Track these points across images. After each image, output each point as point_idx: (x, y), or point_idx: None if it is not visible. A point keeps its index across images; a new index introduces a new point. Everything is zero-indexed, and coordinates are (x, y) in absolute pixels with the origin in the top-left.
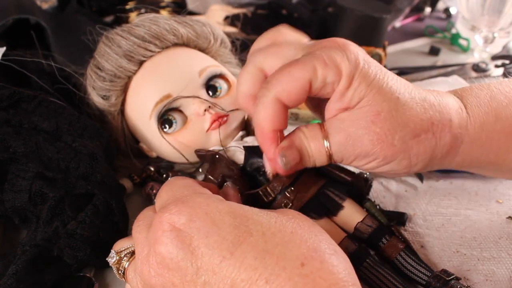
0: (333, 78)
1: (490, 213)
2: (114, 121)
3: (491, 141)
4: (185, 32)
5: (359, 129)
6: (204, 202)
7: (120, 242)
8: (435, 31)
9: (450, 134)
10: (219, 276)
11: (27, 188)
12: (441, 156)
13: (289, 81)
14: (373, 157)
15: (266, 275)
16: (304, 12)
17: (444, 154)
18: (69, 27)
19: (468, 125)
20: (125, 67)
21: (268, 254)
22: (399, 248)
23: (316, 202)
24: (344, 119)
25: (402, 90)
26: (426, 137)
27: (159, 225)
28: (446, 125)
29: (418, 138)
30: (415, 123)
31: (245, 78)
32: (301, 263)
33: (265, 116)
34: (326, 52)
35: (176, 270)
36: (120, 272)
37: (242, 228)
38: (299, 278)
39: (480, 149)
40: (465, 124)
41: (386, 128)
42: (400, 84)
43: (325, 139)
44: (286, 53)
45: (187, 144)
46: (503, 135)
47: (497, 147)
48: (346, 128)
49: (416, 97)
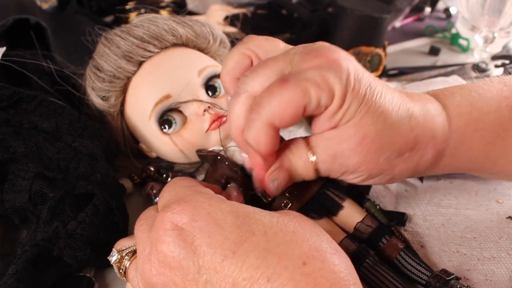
0: (327, 100)
1: (490, 213)
2: (114, 121)
3: (470, 152)
4: (184, 32)
5: (346, 149)
6: (207, 201)
7: (121, 241)
8: (435, 31)
9: (433, 151)
10: (221, 275)
11: (27, 188)
12: (424, 169)
13: (282, 106)
14: (359, 174)
15: (268, 274)
16: (304, 12)
17: (427, 167)
18: (69, 27)
19: (449, 140)
20: (124, 68)
21: (270, 253)
22: (399, 248)
23: (316, 202)
24: (331, 138)
25: (390, 109)
26: (410, 155)
27: (161, 224)
28: (430, 142)
29: (402, 156)
30: (400, 144)
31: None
32: (303, 262)
33: (257, 141)
34: (319, 72)
35: (178, 269)
36: (121, 271)
37: (244, 228)
38: (301, 277)
39: (459, 160)
40: (447, 138)
41: (372, 149)
42: (388, 101)
43: (312, 154)
44: (275, 69)
45: (187, 144)
46: (482, 144)
47: (475, 157)
48: (333, 147)
49: (403, 116)
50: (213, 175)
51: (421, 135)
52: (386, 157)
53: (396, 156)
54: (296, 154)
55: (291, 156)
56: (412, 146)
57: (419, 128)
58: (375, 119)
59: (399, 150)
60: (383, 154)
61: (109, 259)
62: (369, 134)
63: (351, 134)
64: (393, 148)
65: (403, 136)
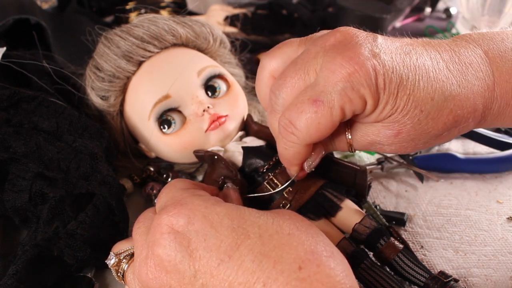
0: (360, 108)
1: (490, 214)
2: (113, 121)
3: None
4: (184, 33)
5: (382, 139)
6: (203, 204)
7: (119, 244)
8: (435, 31)
9: (473, 123)
10: (217, 279)
11: (27, 188)
12: (463, 133)
13: (319, 129)
14: (393, 152)
15: (264, 278)
16: (304, 12)
17: (466, 131)
18: (69, 27)
19: (493, 104)
20: (123, 68)
21: (266, 257)
22: (397, 250)
23: (314, 202)
24: (368, 129)
25: (425, 100)
26: (449, 133)
27: (157, 227)
28: (470, 117)
29: (440, 136)
30: (438, 129)
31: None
32: (299, 267)
33: (297, 159)
34: (349, 86)
35: (174, 273)
36: (119, 274)
37: (240, 231)
38: (297, 282)
39: (506, 119)
40: (491, 104)
41: (409, 139)
42: (422, 89)
43: (349, 134)
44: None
45: (186, 144)
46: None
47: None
48: (369, 136)
49: (440, 101)
50: (211, 175)
51: (461, 113)
52: (424, 142)
53: (434, 139)
54: (336, 137)
55: (332, 140)
56: (451, 126)
57: (457, 107)
58: (411, 114)
59: (437, 134)
60: (420, 141)
61: (107, 263)
62: (405, 128)
63: (387, 129)
64: (431, 135)
65: (440, 122)
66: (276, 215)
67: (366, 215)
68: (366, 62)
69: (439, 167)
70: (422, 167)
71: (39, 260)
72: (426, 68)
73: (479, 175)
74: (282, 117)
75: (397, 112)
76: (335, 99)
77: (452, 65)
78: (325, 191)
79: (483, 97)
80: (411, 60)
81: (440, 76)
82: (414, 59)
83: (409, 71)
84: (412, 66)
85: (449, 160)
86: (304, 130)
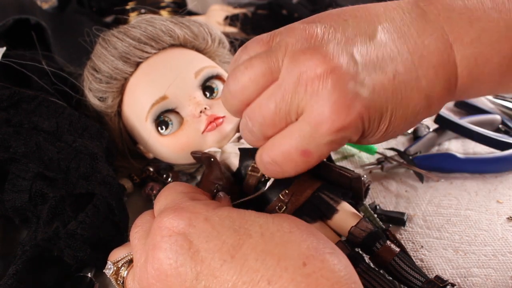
0: (351, 139)
1: (490, 214)
2: (111, 122)
3: (482, 84)
4: (182, 33)
5: (370, 139)
6: (204, 207)
7: (116, 251)
8: None
9: (450, 96)
10: (220, 280)
11: (27, 188)
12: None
13: (306, 169)
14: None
15: (268, 276)
16: (304, 12)
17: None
18: (69, 27)
19: (458, 83)
20: (121, 69)
21: (269, 255)
22: (394, 253)
23: (311, 205)
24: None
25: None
26: (430, 110)
27: (158, 230)
28: (445, 96)
29: (424, 115)
30: (420, 118)
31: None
32: (303, 263)
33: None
34: (338, 137)
35: (175, 276)
36: (119, 282)
37: (241, 231)
38: (302, 278)
39: (473, 91)
40: (454, 85)
41: (395, 134)
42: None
43: None
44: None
45: (183, 145)
46: (498, 74)
47: (491, 86)
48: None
49: (420, 107)
50: (209, 176)
51: (435, 96)
52: (407, 127)
53: (418, 121)
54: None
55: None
56: (428, 108)
57: (432, 93)
58: (396, 124)
59: (420, 119)
60: (404, 130)
61: (105, 272)
62: (391, 133)
63: (375, 138)
64: (414, 123)
65: (421, 117)
66: (274, 215)
67: (363, 218)
68: (353, 111)
69: (439, 167)
70: (422, 167)
71: (39, 260)
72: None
73: (479, 175)
74: (266, 156)
75: (384, 128)
76: (324, 149)
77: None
78: (321, 193)
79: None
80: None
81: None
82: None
83: (389, 94)
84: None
85: (449, 160)
86: (292, 172)
